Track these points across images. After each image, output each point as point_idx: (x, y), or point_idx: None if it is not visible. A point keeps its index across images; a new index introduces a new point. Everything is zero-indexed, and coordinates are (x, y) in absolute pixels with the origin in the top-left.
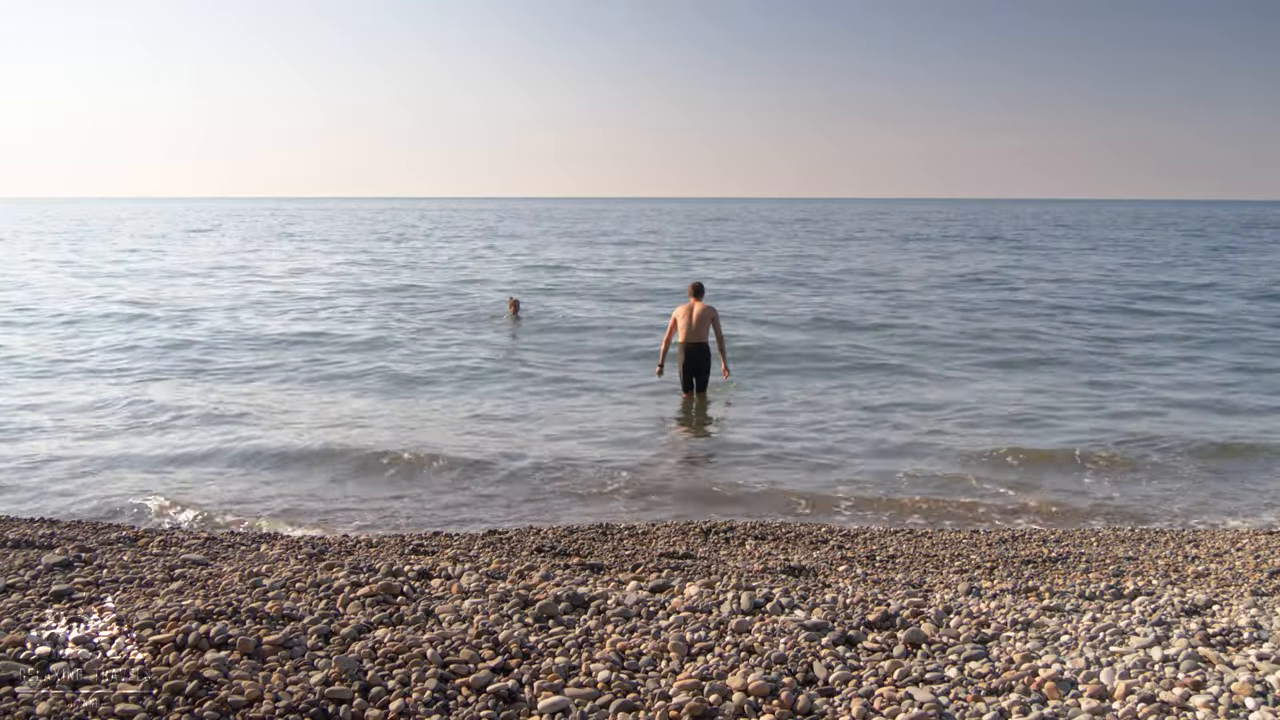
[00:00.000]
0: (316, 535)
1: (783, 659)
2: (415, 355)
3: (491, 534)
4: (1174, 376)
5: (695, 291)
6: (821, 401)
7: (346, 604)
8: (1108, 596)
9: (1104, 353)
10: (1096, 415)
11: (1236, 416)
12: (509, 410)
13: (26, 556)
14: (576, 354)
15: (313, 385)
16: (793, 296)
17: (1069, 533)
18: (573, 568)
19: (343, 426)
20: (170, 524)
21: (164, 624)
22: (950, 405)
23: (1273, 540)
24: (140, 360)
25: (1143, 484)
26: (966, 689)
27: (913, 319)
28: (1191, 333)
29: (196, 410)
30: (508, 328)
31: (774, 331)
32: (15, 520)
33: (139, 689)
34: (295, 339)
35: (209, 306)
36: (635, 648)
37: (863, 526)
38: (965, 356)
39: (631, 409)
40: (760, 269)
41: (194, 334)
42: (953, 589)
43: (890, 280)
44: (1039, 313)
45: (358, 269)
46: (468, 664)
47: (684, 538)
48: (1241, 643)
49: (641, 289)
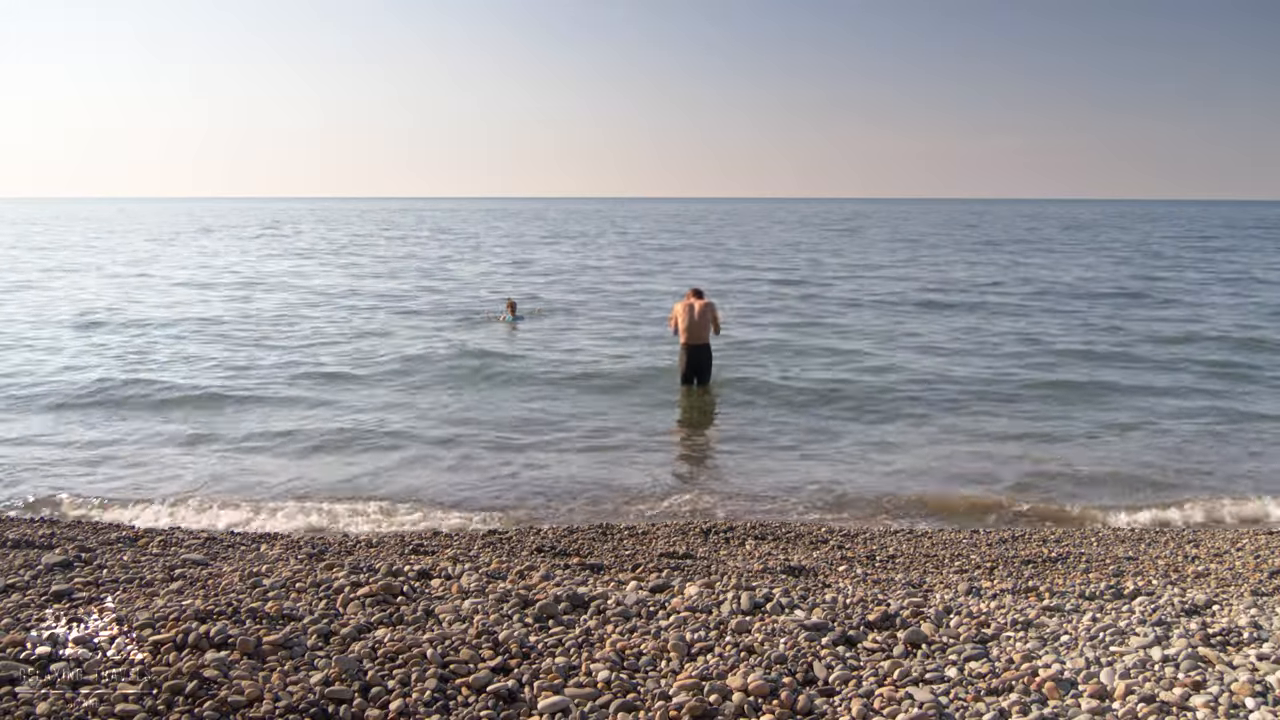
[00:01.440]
0: (317, 535)
1: (783, 659)
2: (411, 356)
3: (491, 534)
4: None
5: (695, 291)
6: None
7: (346, 604)
8: (1108, 596)
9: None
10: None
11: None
12: (508, 409)
13: (26, 556)
14: (576, 353)
15: (317, 382)
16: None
17: (1069, 533)
18: (573, 568)
19: (342, 424)
20: (170, 524)
21: (164, 624)
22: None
23: (1273, 540)
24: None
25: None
26: (966, 689)
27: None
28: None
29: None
30: (504, 329)
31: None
32: (15, 520)
33: (139, 689)
34: (305, 345)
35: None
36: (635, 648)
37: (863, 526)
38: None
39: (632, 407)
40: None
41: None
42: (953, 589)
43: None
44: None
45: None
46: (468, 664)
47: (684, 538)
48: (1241, 643)
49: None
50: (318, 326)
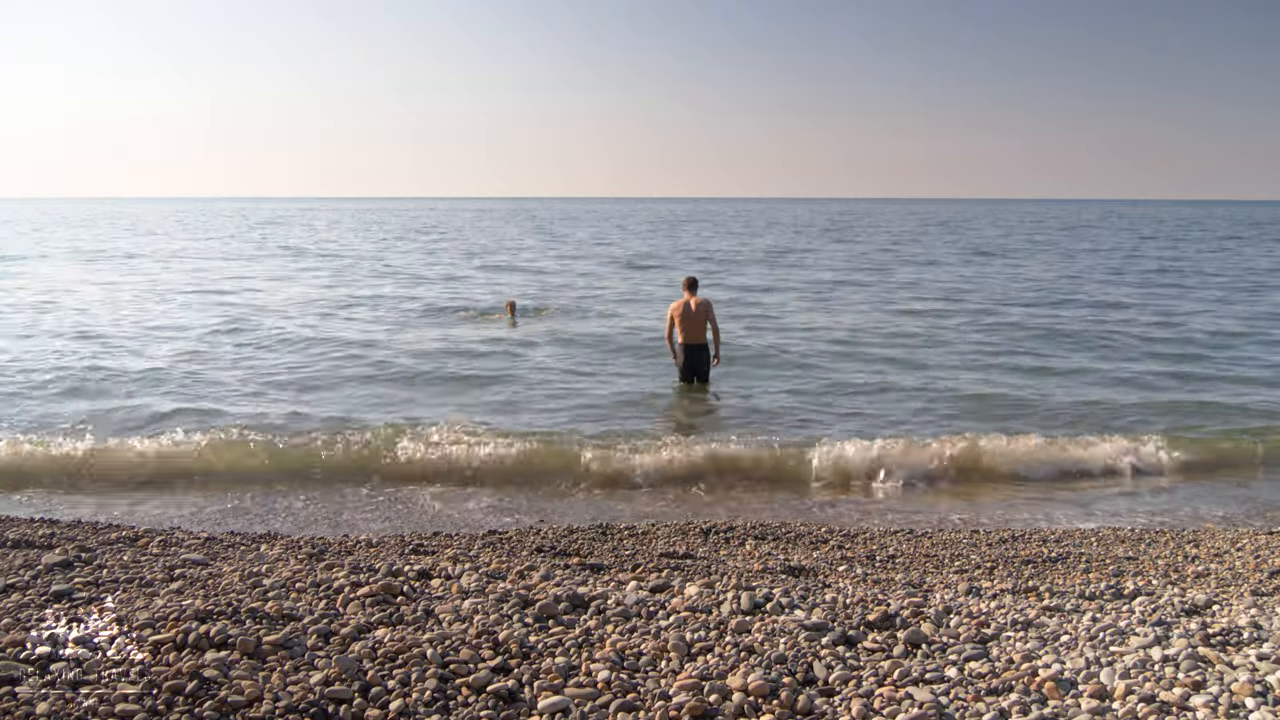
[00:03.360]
0: (317, 535)
1: (783, 659)
2: (416, 354)
3: (491, 534)
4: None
5: (690, 285)
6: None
7: (346, 604)
8: (1108, 596)
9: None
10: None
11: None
12: (508, 410)
13: (26, 556)
14: (573, 351)
15: (317, 377)
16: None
17: (1069, 532)
18: (573, 568)
19: (341, 422)
20: (171, 524)
21: (164, 624)
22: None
23: (1273, 540)
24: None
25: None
26: (966, 689)
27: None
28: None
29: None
30: (505, 329)
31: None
32: (15, 520)
33: (139, 689)
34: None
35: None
36: (635, 648)
37: (863, 526)
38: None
39: (631, 407)
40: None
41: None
42: (953, 589)
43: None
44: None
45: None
46: (468, 664)
47: (684, 537)
48: (1241, 643)
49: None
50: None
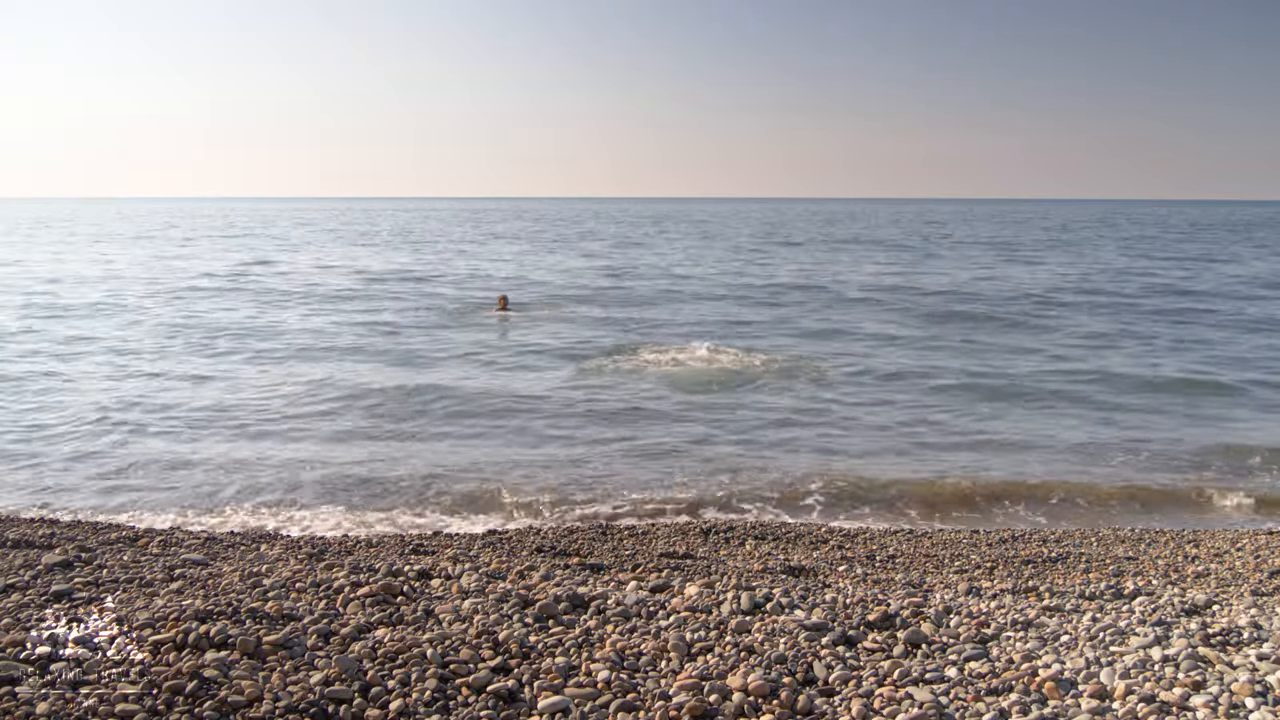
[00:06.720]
0: (317, 535)
1: (783, 659)
2: (412, 349)
3: (491, 534)
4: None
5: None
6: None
7: (346, 604)
8: (1108, 596)
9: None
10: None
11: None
12: (506, 409)
13: (26, 556)
14: (573, 351)
15: (318, 365)
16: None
17: (1069, 533)
18: (573, 568)
19: (339, 420)
20: (171, 524)
21: (164, 624)
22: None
23: (1273, 540)
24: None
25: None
26: (966, 689)
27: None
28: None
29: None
30: (497, 323)
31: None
32: (15, 520)
33: (139, 689)
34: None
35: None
36: (635, 648)
37: (863, 526)
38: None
39: (632, 405)
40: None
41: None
42: (953, 589)
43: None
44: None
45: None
46: (468, 664)
47: (684, 538)
48: (1241, 643)
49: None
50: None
